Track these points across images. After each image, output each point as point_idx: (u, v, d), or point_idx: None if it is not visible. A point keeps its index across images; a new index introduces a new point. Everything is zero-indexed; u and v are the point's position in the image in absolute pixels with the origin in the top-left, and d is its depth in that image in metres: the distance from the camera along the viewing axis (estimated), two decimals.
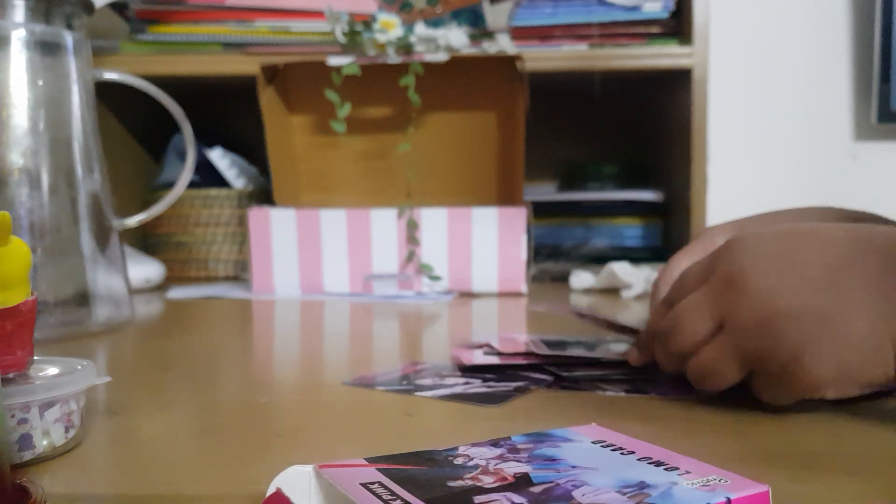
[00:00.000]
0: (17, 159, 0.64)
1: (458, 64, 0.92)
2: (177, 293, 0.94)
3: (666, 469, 0.26)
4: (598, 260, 1.09)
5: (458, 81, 0.96)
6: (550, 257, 1.15)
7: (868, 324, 0.33)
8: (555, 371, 0.48)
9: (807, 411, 0.39)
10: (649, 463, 0.27)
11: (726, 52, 1.27)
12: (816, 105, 1.32)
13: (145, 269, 0.98)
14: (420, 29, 0.92)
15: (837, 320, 0.33)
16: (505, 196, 0.99)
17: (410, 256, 0.92)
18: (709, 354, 0.37)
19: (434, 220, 0.91)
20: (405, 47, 0.92)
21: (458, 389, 0.46)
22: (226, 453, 0.35)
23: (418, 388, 0.46)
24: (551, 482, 0.25)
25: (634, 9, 1.02)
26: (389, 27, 0.92)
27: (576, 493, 0.24)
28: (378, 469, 0.27)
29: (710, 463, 0.27)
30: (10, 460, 0.29)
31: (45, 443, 0.33)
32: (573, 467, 0.27)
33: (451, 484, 0.25)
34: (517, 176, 0.95)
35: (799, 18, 1.31)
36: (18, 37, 0.64)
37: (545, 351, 0.52)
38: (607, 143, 1.32)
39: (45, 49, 0.66)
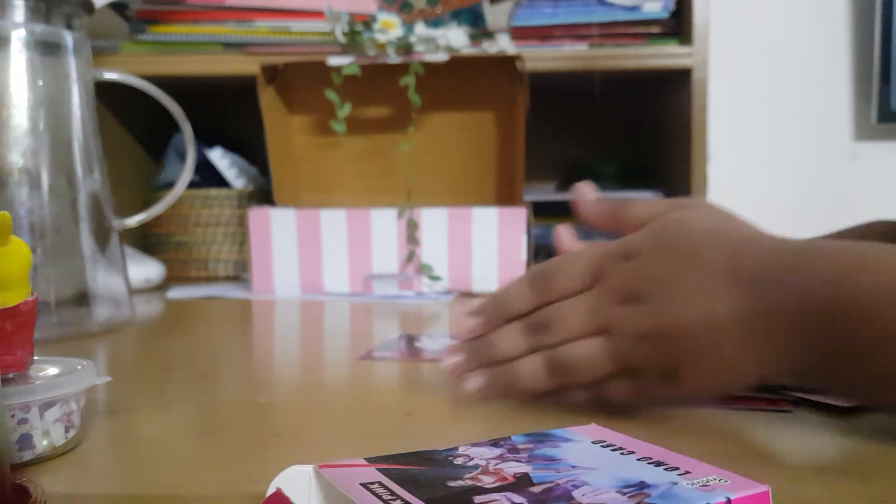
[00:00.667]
0: (17, 159, 0.64)
1: (458, 64, 0.92)
2: (177, 293, 0.94)
3: (666, 469, 0.26)
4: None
5: (458, 81, 0.96)
6: (550, 257, 1.15)
7: (734, 350, 0.36)
8: None
9: (806, 412, 0.39)
10: (649, 463, 0.27)
11: (726, 52, 1.27)
12: (816, 105, 1.32)
13: (145, 269, 0.98)
14: (420, 29, 0.92)
15: (710, 346, 0.37)
16: (505, 196, 0.99)
17: (410, 256, 0.92)
18: (586, 349, 0.39)
19: (434, 220, 0.91)
20: (405, 47, 0.92)
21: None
22: (226, 453, 0.35)
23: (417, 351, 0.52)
24: (551, 482, 0.25)
25: (634, 9, 1.02)
26: (389, 27, 0.92)
27: (576, 493, 0.24)
28: (378, 469, 0.27)
29: (710, 463, 0.27)
30: (10, 460, 0.29)
31: (45, 443, 0.33)
32: (573, 467, 0.27)
33: (451, 484, 0.25)
34: (517, 176, 0.95)
35: (799, 18, 1.31)
36: (18, 37, 0.64)
37: None
38: (607, 143, 1.32)
39: (45, 49, 0.66)
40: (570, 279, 0.41)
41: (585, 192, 0.47)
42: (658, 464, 0.27)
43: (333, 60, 0.92)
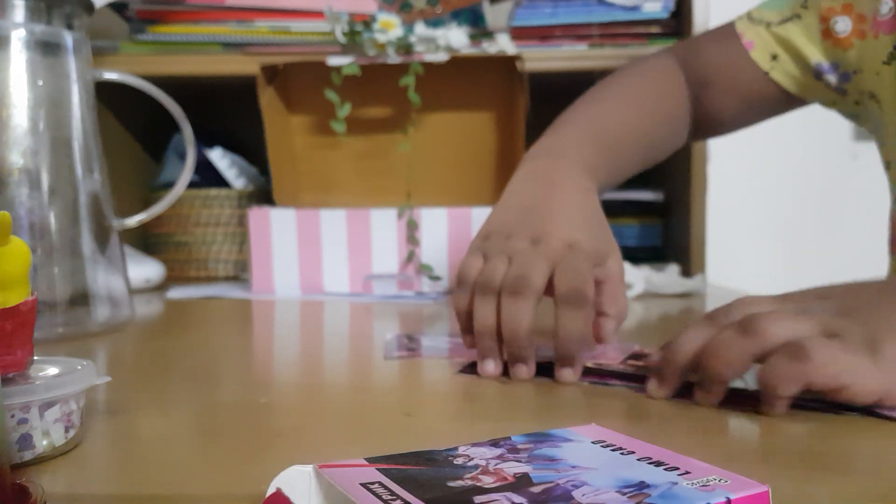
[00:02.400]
0: (17, 159, 0.64)
1: (458, 64, 0.92)
2: (177, 293, 0.94)
3: (666, 469, 0.26)
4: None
5: (458, 81, 0.96)
6: None
7: None
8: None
9: (807, 411, 0.39)
10: (649, 463, 0.27)
11: None
12: (816, 104, 1.32)
13: (145, 269, 0.98)
14: (420, 29, 0.92)
15: None
16: None
17: (410, 256, 0.92)
18: (780, 315, 0.40)
19: (434, 220, 0.91)
20: (405, 47, 0.92)
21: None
22: (226, 453, 0.35)
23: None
24: (551, 482, 0.25)
25: (634, 9, 1.02)
26: (389, 27, 0.92)
27: (576, 493, 0.24)
28: (378, 469, 0.27)
29: (710, 463, 0.27)
30: (10, 460, 0.29)
31: (45, 443, 0.33)
32: (573, 467, 0.27)
33: (451, 484, 0.25)
34: None
35: None
36: (18, 37, 0.64)
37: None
38: None
39: (45, 49, 0.66)
40: (752, 308, 0.42)
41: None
42: (658, 464, 0.27)
43: (333, 60, 0.92)
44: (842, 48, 0.67)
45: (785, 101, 0.74)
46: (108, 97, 0.89)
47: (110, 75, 0.73)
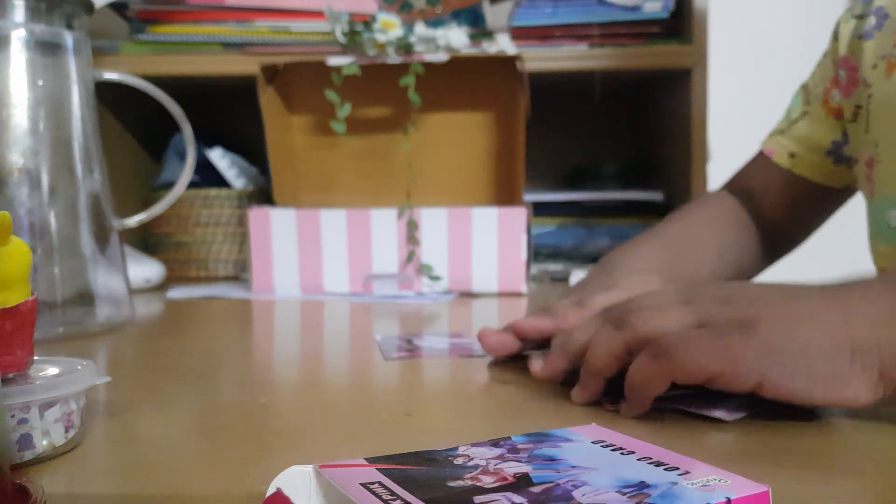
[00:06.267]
0: (17, 159, 0.64)
1: (458, 64, 0.92)
2: (177, 293, 0.94)
3: (666, 469, 0.26)
4: (598, 260, 1.09)
5: (458, 81, 0.96)
6: (550, 257, 1.15)
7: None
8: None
9: (807, 411, 0.39)
10: (649, 463, 0.27)
11: (726, 52, 1.27)
12: None
13: (145, 269, 0.98)
14: (420, 29, 0.92)
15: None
16: (505, 196, 0.99)
17: (410, 256, 0.92)
18: (658, 303, 0.40)
19: (434, 220, 0.91)
20: (405, 47, 0.92)
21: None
22: (226, 453, 0.35)
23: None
24: (551, 482, 0.25)
25: (634, 9, 1.02)
26: (389, 27, 0.92)
27: (576, 493, 0.24)
28: (378, 469, 0.27)
29: (710, 463, 0.27)
30: (10, 460, 0.29)
31: (45, 443, 0.33)
32: (573, 467, 0.27)
33: (451, 484, 0.25)
34: (517, 176, 0.95)
35: (798, 17, 1.31)
36: (18, 37, 0.64)
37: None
38: (607, 143, 1.32)
39: (45, 49, 0.66)
40: (637, 302, 0.42)
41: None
42: (658, 464, 0.27)
43: (333, 60, 0.92)
44: (842, 117, 0.72)
45: (825, 194, 0.79)
46: (108, 97, 0.89)
47: (110, 75, 0.73)
